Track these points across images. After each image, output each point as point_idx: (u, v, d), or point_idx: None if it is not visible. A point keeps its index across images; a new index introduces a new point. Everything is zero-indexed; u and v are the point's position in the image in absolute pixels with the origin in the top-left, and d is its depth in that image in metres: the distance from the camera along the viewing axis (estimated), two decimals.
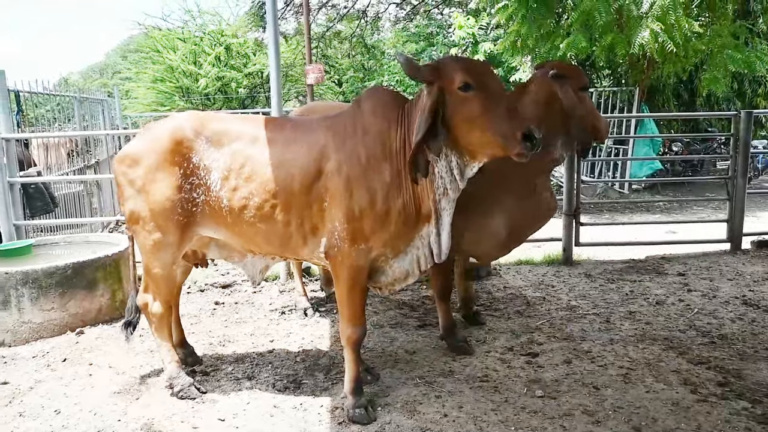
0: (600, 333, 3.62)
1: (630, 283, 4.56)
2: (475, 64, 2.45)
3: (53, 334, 3.74)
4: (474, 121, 2.33)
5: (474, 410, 2.73)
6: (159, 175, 2.73)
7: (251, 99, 17.35)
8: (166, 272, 2.86)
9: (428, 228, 2.59)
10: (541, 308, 4.09)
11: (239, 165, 2.69)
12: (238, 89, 16.65)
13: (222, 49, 16.57)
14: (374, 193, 2.53)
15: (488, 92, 2.32)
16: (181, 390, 2.90)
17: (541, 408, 2.75)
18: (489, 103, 2.31)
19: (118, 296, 4.04)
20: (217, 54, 16.49)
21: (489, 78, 2.38)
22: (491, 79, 2.39)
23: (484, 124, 2.31)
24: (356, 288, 2.66)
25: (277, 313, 4.16)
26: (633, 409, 2.72)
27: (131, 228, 2.87)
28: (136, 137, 2.90)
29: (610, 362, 3.21)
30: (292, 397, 2.92)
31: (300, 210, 2.64)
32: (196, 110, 2.56)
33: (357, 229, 2.55)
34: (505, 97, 2.38)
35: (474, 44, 11.14)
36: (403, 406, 2.78)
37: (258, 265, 2.97)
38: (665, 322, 3.78)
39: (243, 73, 16.77)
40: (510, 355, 3.34)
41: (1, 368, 3.36)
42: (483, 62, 2.59)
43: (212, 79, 16.18)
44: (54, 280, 3.71)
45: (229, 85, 16.56)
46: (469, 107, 2.33)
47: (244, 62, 17.10)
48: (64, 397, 2.96)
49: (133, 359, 3.39)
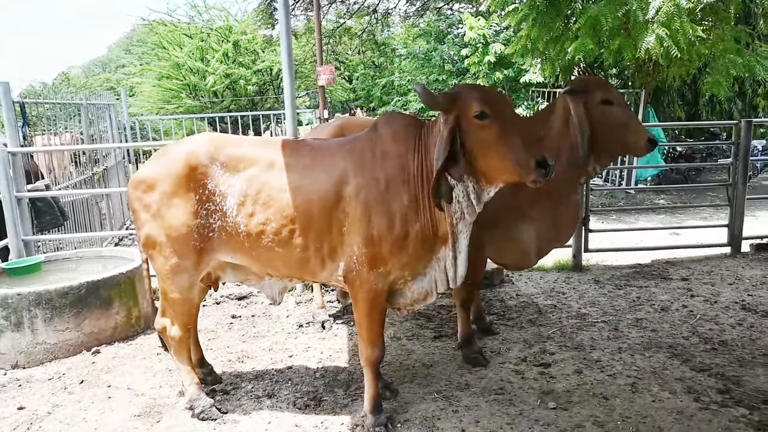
0: (609, 341, 3.70)
1: (637, 289, 4.64)
2: (490, 93, 2.49)
3: (68, 355, 3.77)
4: (489, 149, 2.40)
5: (490, 424, 2.79)
6: (174, 201, 2.76)
7: (260, 96, 17.23)
8: (183, 296, 2.90)
9: (445, 251, 2.64)
10: (553, 316, 4.15)
11: (256, 190, 2.73)
12: (246, 87, 16.48)
13: (230, 46, 16.35)
14: (393, 217, 2.57)
15: (503, 120, 2.38)
16: (202, 412, 2.95)
17: (554, 420, 2.82)
18: (504, 131, 2.37)
19: (133, 313, 4.08)
20: (225, 51, 16.26)
21: (504, 106, 2.44)
22: (506, 107, 2.45)
23: (499, 152, 2.37)
24: (375, 311, 2.71)
25: (295, 327, 4.20)
26: (640, 419, 2.80)
27: (148, 252, 2.90)
28: (151, 160, 2.93)
29: (618, 372, 3.29)
30: (312, 415, 2.97)
31: (319, 234, 2.68)
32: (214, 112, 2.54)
33: (376, 253, 2.60)
34: (520, 125, 2.44)
35: (485, 45, 11.17)
36: (421, 422, 2.84)
37: (276, 287, 3.02)
38: (670, 329, 3.85)
39: (252, 70, 16.57)
40: (523, 366, 3.41)
41: (17, 392, 3.38)
42: (498, 91, 2.66)
43: (220, 76, 15.96)
44: (68, 300, 3.74)
45: (238, 82, 16.34)
46: (485, 135, 2.39)
47: (252, 59, 16.88)
48: (84, 422, 2.99)
49: (151, 379, 3.44)
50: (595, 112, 3.02)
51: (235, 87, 16.43)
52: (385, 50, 19.23)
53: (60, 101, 6.71)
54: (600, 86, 3.09)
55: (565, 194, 3.19)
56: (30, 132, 5.92)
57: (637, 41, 7.79)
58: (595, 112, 3.02)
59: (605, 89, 3.07)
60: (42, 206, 5.27)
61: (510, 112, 2.45)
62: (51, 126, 6.48)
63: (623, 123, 3.02)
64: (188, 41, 16.39)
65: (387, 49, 19.23)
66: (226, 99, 16.44)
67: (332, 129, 3.84)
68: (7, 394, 3.36)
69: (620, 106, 3.07)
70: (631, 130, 3.01)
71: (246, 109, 15.36)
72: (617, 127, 3.01)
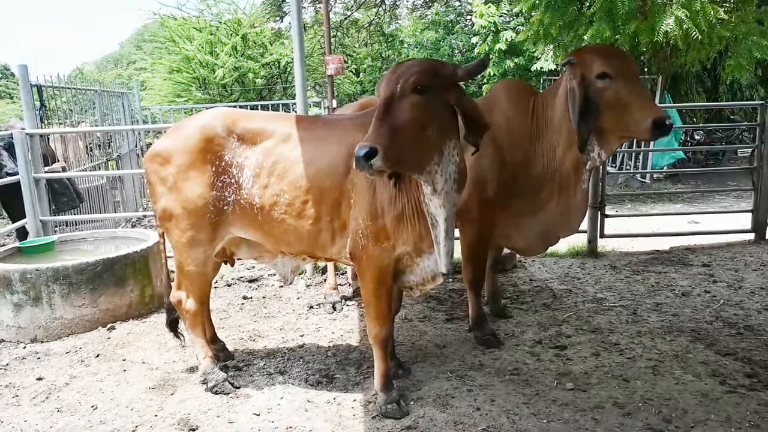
0: (627, 325, 3.62)
1: (655, 274, 4.54)
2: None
3: (85, 330, 3.81)
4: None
5: (506, 403, 2.75)
6: (190, 173, 2.75)
7: (268, 89, 17.31)
8: (199, 269, 2.89)
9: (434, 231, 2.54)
10: (568, 301, 4.08)
11: (271, 162, 2.71)
12: (255, 80, 16.59)
13: (239, 39, 16.46)
14: (395, 191, 2.52)
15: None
16: (216, 385, 2.94)
17: (572, 400, 2.76)
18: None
19: (147, 292, 4.10)
20: (234, 44, 16.38)
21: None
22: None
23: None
24: (381, 288, 2.66)
25: (306, 308, 4.19)
26: (663, 401, 2.73)
27: (163, 225, 2.90)
28: (166, 135, 2.92)
29: (638, 354, 3.21)
30: (325, 391, 2.95)
31: (330, 207, 2.65)
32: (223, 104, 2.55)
33: (380, 226, 2.56)
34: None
35: (495, 33, 11.02)
36: (435, 400, 2.81)
37: (289, 265, 2.99)
38: (692, 313, 3.76)
39: (260, 63, 16.69)
40: (539, 348, 3.35)
41: (36, 364, 3.43)
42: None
43: (229, 69, 16.09)
44: (84, 276, 3.77)
45: (246, 75, 16.47)
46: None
47: (261, 52, 16.99)
48: (100, 393, 3.01)
49: (165, 355, 3.45)
50: (593, 87, 2.70)
51: (244, 80, 16.54)
52: (393, 42, 19.14)
53: (75, 87, 6.74)
54: (599, 56, 2.70)
55: (571, 182, 3.02)
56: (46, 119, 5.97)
57: (654, 24, 7.60)
58: (593, 88, 2.70)
59: (603, 60, 2.68)
60: (59, 188, 5.34)
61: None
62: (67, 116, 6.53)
63: (623, 100, 2.64)
64: (198, 35, 16.50)
65: (395, 41, 19.14)
66: (235, 92, 16.53)
67: (356, 107, 3.80)
68: (26, 365, 3.40)
69: (622, 79, 2.66)
70: (632, 109, 2.61)
71: (254, 102, 15.44)
72: (616, 105, 2.65)
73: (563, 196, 3.11)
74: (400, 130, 2.15)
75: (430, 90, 2.22)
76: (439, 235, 2.47)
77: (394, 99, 2.19)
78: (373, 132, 2.13)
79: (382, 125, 2.14)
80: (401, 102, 2.18)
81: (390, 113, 2.17)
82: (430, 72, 2.24)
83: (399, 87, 2.19)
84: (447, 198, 2.39)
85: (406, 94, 2.19)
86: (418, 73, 2.21)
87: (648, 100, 2.69)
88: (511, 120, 3.14)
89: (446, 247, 2.47)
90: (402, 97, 2.19)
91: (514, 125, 3.13)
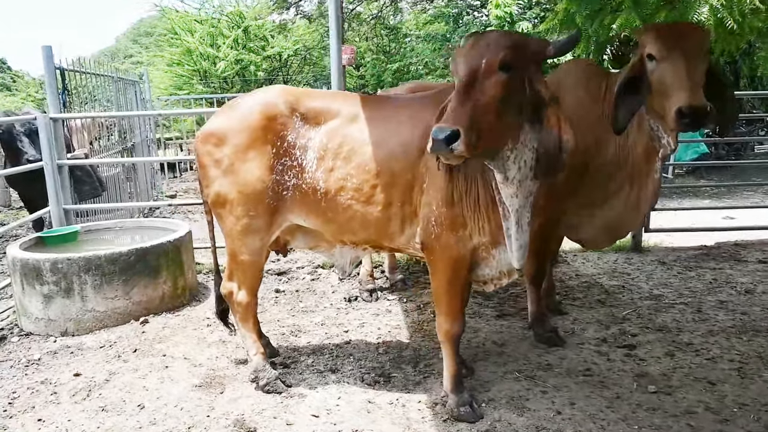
0: (696, 324, 3.41)
1: (710, 270, 4.34)
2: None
3: (117, 323, 3.59)
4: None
5: (587, 407, 2.54)
6: (250, 155, 2.53)
7: (270, 82, 17.20)
8: (253, 259, 2.68)
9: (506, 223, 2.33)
10: (623, 297, 3.88)
11: (337, 144, 2.50)
12: (257, 72, 16.47)
13: (240, 32, 16.34)
14: (473, 176, 2.32)
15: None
16: (267, 384, 2.74)
17: (659, 405, 2.56)
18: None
19: (179, 284, 3.88)
20: (235, 36, 16.28)
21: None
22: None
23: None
24: (457, 280, 2.46)
25: (344, 302, 3.98)
26: (760, 406, 2.52)
27: (216, 212, 2.69)
28: (219, 113, 2.71)
29: (717, 355, 3.01)
30: (384, 392, 2.75)
31: (401, 192, 2.44)
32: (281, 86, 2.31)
33: (456, 213, 2.35)
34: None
35: (511, 24, 10.76)
36: (509, 402, 2.60)
37: (348, 256, 2.78)
38: (762, 312, 3.56)
39: (262, 56, 16.60)
40: (606, 348, 3.14)
41: (70, 359, 3.22)
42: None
43: (231, 62, 15.99)
44: (117, 266, 3.55)
45: (248, 68, 16.40)
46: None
47: (262, 45, 16.89)
48: (144, 391, 2.81)
49: (206, 350, 3.24)
50: (645, 68, 2.53)
51: (245, 73, 16.37)
52: (396, 36, 18.91)
53: (98, 72, 6.51)
54: (651, 36, 2.50)
55: (643, 170, 2.81)
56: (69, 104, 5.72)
57: (684, 13, 7.40)
58: (645, 69, 2.53)
59: (653, 40, 2.48)
60: (81, 175, 5.11)
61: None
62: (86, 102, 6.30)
63: (661, 84, 2.46)
64: (199, 27, 16.32)
65: (398, 35, 18.91)
66: (236, 84, 16.37)
67: (406, 91, 3.59)
68: (60, 360, 3.19)
69: (669, 61, 2.44)
70: (664, 96, 2.44)
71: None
72: (657, 89, 2.49)
73: (635, 185, 2.90)
74: (484, 111, 1.94)
75: (517, 68, 2.00)
76: (511, 227, 2.26)
77: (477, 76, 1.97)
78: (455, 113, 1.92)
79: (464, 105, 1.92)
80: (486, 80, 1.96)
81: (473, 92, 1.95)
82: (520, 47, 2.02)
83: (484, 63, 1.97)
84: (521, 187, 2.18)
85: (493, 72, 1.97)
86: (506, 48, 1.98)
87: (682, 86, 2.38)
88: (582, 102, 2.93)
89: (519, 240, 2.27)
90: (488, 74, 1.97)
91: (584, 107, 2.92)
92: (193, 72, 16.45)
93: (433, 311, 3.64)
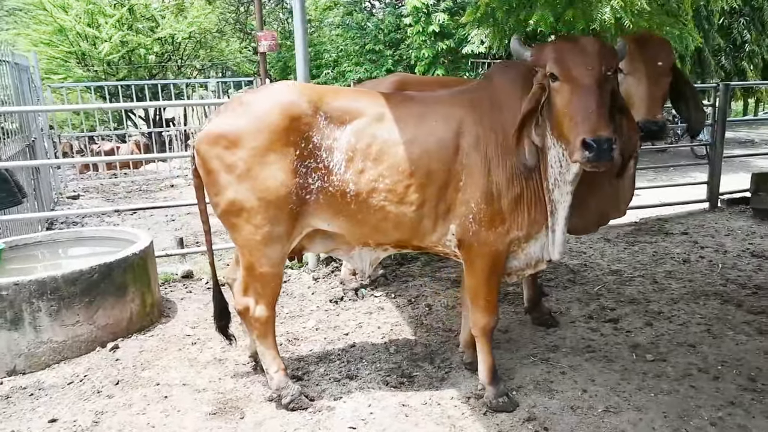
0: (657, 293, 3.80)
1: (649, 244, 4.84)
2: (567, 50, 2.12)
3: (81, 353, 3.14)
4: (555, 114, 2.17)
5: (606, 382, 2.73)
6: (270, 158, 2.33)
7: (162, 67, 15.86)
8: (274, 270, 2.49)
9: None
10: (588, 275, 4.20)
11: (366, 144, 2.39)
12: (147, 56, 15.10)
13: (125, 11, 14.82)
14: (512, 172, 2.38)
15: (573, 84, 2.08)
16: (292, 401, 2.58)
17: (662, 371, 2.82)
18: (569, 97, 2.09)
19: (147, 300, 3.48)
20: (121, 16, 14.72)
21: (579, 67, 2.08)
22: (585, 67, 2.07)
23: (558, 120, 2.16)
24: (495, 275, 2.51)
25: (330, 303, 3.85)
26: (736, 362, 2.89)
27: (229, 222, 2.44)
28: (227, 112, 2.44)
29: (686, 320, 3.38)
30: (413, 392, 2.72)
31: (436, 190, 2.42)
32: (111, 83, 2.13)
33: (495, 210, 2.39)
34: (593, 91, 2.05)
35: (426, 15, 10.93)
36: (536, 387, 2.71)
37: (367, 258, 2.68)
38: (703, 278, 4.06)
39: (152, 38, 15.22)
40: (594, 324, 3.39)
41: (33, 402, 2.75)
42: (582, 47, 2.13)
43: (115, 44, 14.48)
44: (78, 287, 3.09)
45: (137, 51, 14.98)
46: (555, 98, 2.15)
47: (151, 26, 15.49)
48: (151, 428, 2.49)
49: (204, 372, 2.95)
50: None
51: (131, 56, 15.00)
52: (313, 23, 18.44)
53: None
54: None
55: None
56: None
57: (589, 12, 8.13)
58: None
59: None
60: None
61: (587, 75, 2.07)
62: None
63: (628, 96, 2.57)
64: (75, 4, 14.58)
65: (315, 23, 18.46)
66: (122, 69, 14.96)
67: (390, 84, 3.50)
68: (21, 405, 2.70)
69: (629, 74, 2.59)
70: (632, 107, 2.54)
71: (145, 80, 14.13)
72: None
73: (613, 181, 3.14)
74: (610, 116, 2.10)
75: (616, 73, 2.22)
76: (558, 222, 2.40)
77: (601, 82, 2.08)
78: (603, 119, 2.03)
79: (602, 111, 2.04)
80: (606, 86, 2.10)
81: (601, 98, 2.07)
82: (615, 53, 2.21)
83: (604, 70, 2.08)
84: (573, 186, 2.33)
85: (610, 78, 2.13)
86: (613, 54, 2.17)
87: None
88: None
89: (563, 235, 2.42)
90: (607, 80, 2.11)
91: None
92: (68, 54, 14.63)
93: (428, 305, 3.74)
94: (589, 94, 2.02)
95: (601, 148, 1.95)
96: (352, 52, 12.13)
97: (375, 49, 12.87)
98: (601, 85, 2.06)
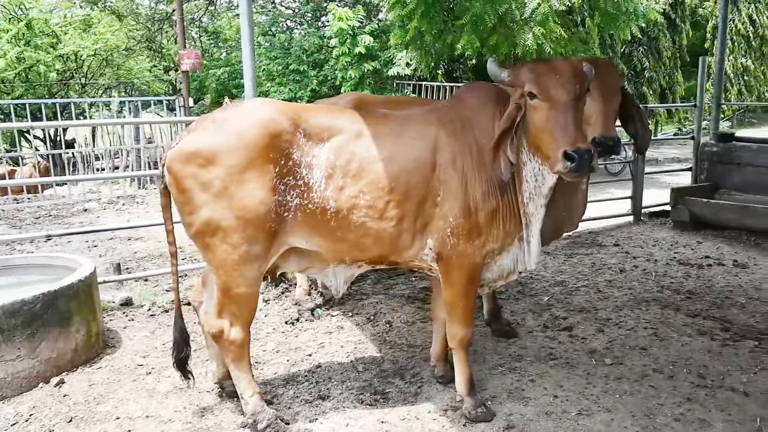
0: (602, 302, 4.05)
1: (586, 256, 5.15)
2: (545, 71, 2.26)
3: (21, 391, 2.84)
4: (534, 131, 2.32)
5: (574, 387, 2.87)
6: (248, 175, 2.28)
7: (64, 85, 14.93)
8: (251, 290, 2.41)
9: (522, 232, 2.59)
10: (536, 286, 4.39)
11: (345, 161, 2.40)
12: (48, 74, 14.11)
13: (23, 26, 13.84)
14: (488, 187, 2.48)
15: (552, 102, 2.22)
16: (268, 425, 2.48)
17: (622, 373, 3.01)
18: (548, 115, 2.23)
19: (93, 330, 3.22)
20: (18, 31, 13.72)
21: (558, 87, 2.22)
22: (562, 88, 2.22)
23: (539, 136, 2.30)
24: (472, 287, 2.60)
25: (287, 325, 3.75)
26: (684, 361, 3.14)
27: (204, 242, 2.34)
28: (200, 131, 2.36)
29: (633, 326, 3.63)
30: (389, 408, 2.71)
31: (414, 206, 2.47)
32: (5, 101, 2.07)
33: (473, 224, 2.48)
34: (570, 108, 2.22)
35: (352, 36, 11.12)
36: (509, 396, 2.80)
37: (341, 276, 2.66)
38: (640, 285, 4.38)
39: (53, 54, 14.27)
40: (551, 333, 3.55)
41: None
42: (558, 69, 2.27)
43: (11, 60, 13.44)
44: (19, 319, 2.81)
45: (35, 68, 13.98)
46: (533, 116, 2.29)
47: (52, 42, 14.55)
48: None
49: (167, 403, 2.77)
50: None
51: (29, 73, 14.06)
52: (216, 41, 18.12)
53: None
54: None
55: (572, 185, 3.27)
56: None
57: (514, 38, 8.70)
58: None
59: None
60: None
61: (565, 93, 2.21)
62: None
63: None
64: None
65: (218, 40, 18.15)
66: (18, 87, 13.95)
67: (347, 104, 3.51)
68: None
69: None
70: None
71: (44, 98, 13.30)
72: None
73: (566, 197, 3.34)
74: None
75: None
76: (533, 234, 2.53)
77: (577, 100, 2.25)
78: (582, 133, 2.22)
79: (578, 125, 2.21)
80: (579, 104, 2.26)
81: (577, 113, 2.24)
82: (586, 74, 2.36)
83: (578, 89, 2.24)
84: (547, 199, 2.48)
85: (582, 97, 2.29)
86: (585, 75, 2.31)
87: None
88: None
89: (538, 245, 2.56)
90: (580, 99, 2.26)
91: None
92: None
93: (387, 321, 3.75)
94: (567, 110, 2.17)
95: (582, 159, 2.09)
96: (274, 72, 12.07)
97: (299, 69, 12.81)
98: (577, 103, 2.21)
